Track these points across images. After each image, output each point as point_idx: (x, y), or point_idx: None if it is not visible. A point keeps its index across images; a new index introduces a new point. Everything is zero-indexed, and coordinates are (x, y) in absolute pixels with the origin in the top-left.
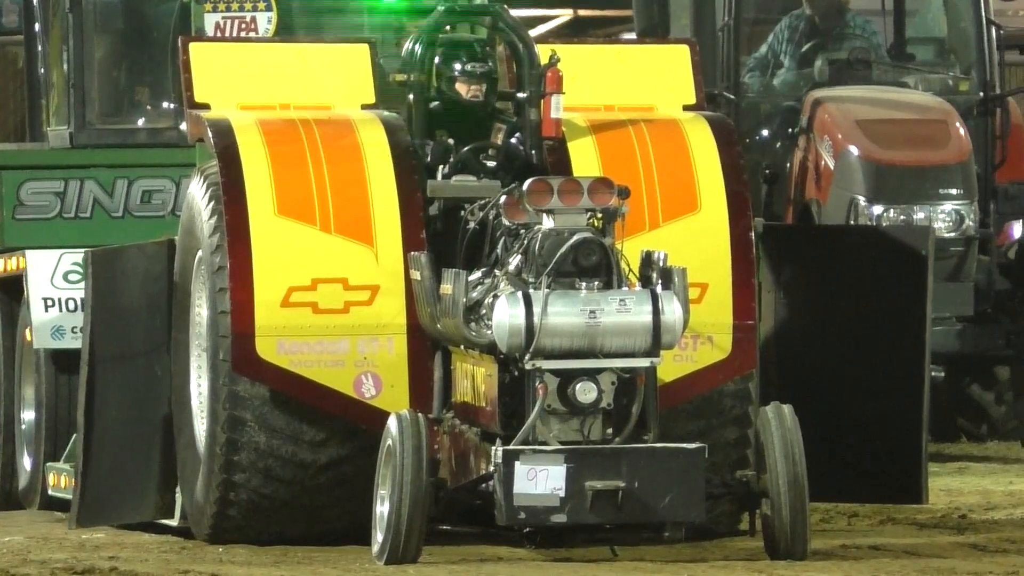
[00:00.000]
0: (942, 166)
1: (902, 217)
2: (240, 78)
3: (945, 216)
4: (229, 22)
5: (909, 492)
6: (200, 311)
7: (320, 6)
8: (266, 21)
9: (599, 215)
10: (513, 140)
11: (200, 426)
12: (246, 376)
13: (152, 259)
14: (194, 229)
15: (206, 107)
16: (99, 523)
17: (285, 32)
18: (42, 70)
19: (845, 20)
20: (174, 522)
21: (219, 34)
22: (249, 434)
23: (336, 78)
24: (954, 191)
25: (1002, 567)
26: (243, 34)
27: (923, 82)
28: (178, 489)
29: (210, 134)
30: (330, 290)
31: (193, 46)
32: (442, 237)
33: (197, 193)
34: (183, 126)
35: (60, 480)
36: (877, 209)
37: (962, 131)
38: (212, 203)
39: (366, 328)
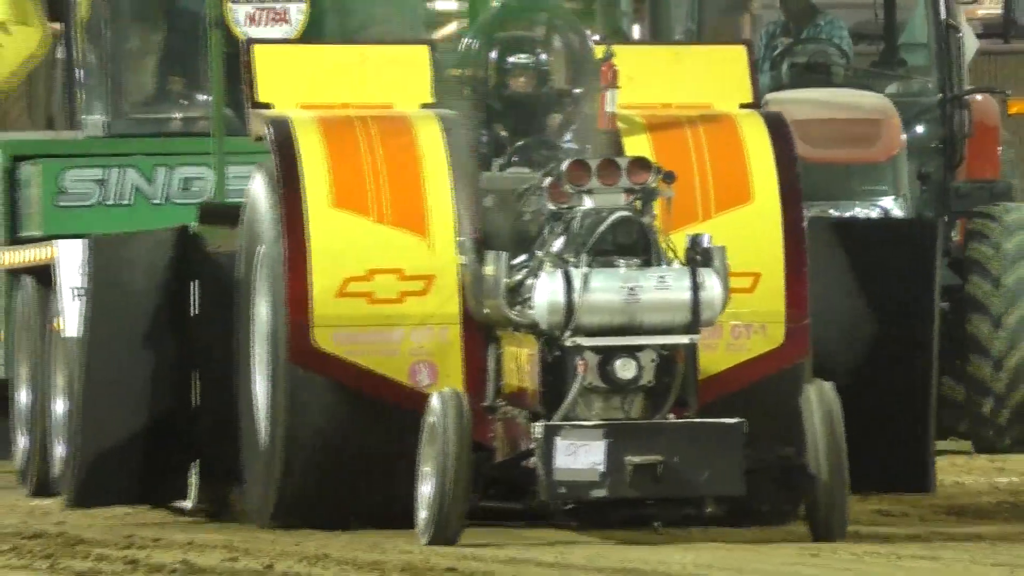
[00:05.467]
0: (870, 163)
1: (832, 211)
2: (302, 78)
3: (869, 212)
4: (261, 13)
5: (917, 481)
6: (260, 304)
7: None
8: (298, 12)
9: (639, 195)
10: (569, 135)
11: (260, 417)
12: (303, 366)
13: (161, 246)
14: (255, 224)
15: (268, 106)
16: (95, 503)
17: (317, 24)
18: (76, 59)
19: (815, 23)
20: (188, 504)
21: (251, 25)
22: (306, 423)
23: (396, 78)
24: (880, 188)
25: None
26: (275, 25)
27: (902, 84)
28: (193, 472)
29: (270, 130)
30: (385, 281)
31: (257, 48)
32: (497, 227)
33: (258, 189)
34: (249, 123)
35: None
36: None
37: (895, 130)
38: (271, 197)
39: (421, 318)
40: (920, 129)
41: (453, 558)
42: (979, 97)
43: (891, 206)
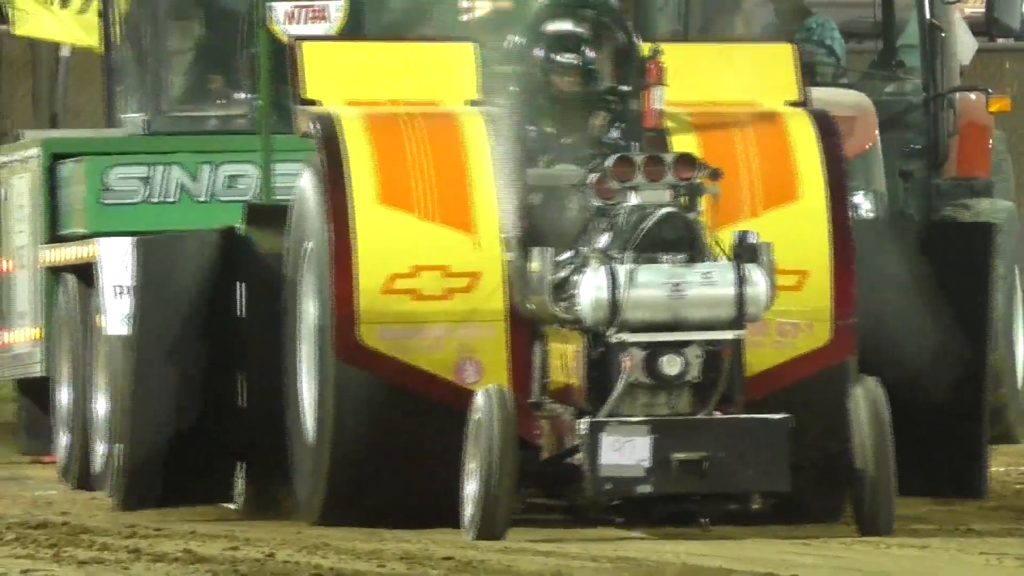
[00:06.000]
0: None
1: None
2: (349, 75)
3: None
4: (300, 10)
5: (969, 486)
6: (307, 301)
7: None
8: (336, 9)
9: (684, 191)
10: (616, 132)
11: (306, 415)
12: (349, 362)
13: (207, 246)
14: (302, 222)
15: (315, 103)
16: (143, 505)
17: (356, 19)
18: (115, 58)
19: (806, 24)
20: (234, 505)
21: (289, 22)
22: (354, 419)
23: (442, 75)
24: (851, 183)
25: None
26: (314, 23)
27: (897, 84)
28: (240, 473)
29: (316, 127)
30: (431, 277)
31: (305, 45)
32: (543, 224)
33: (305, 186)
34: (296, 119)
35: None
36: None
37: (869, 127)
38: (317, 194)
39: (466, 314)
40: (907, 127)
41: (451, 547)
42: (972, 96)
43: (861, 201)
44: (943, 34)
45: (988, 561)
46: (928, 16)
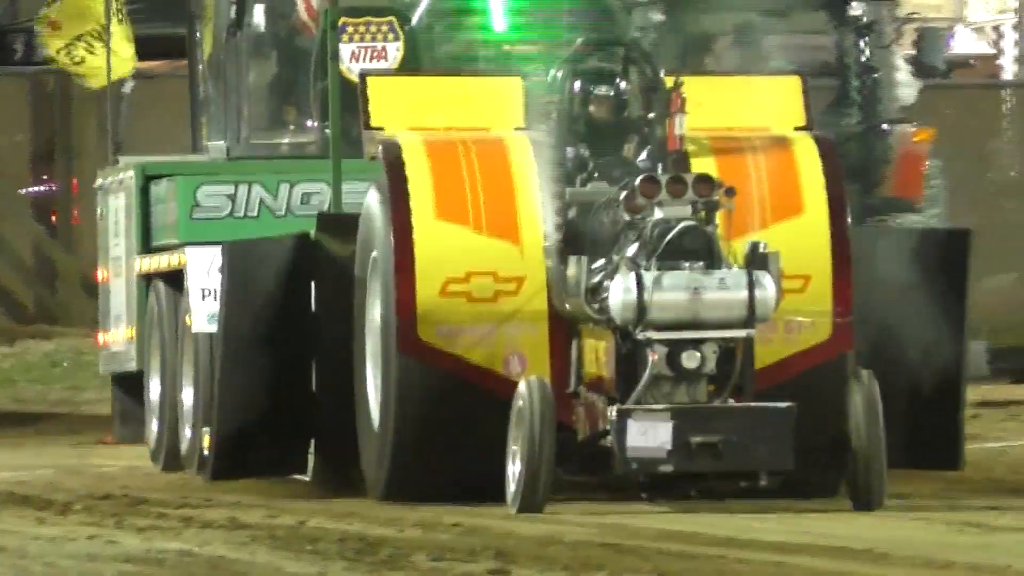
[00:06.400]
0: None
1: None
2: (409, 105)
3: None
4: (363, 50)
5: (948, 459)
6: (373, 303)
7: (439, 37)
8: (394, 50)
9: (703, 207)
10: (644, 155)
11: (372, 403)
12: (410, 356)
13: (285, 250)
14: (369, 234)
15: (380, 129)
16: (231, 476)
17: (412, 58)
18: (202, 92)
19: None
20: (307, 477)
21: (354, 62)
22: (414, 407)
23: (492, 105)
24: None
25: None
26: (375, 62)
27: (849, 118)
28: (311, 450)
29: (381, 149)
30: (482, 282)
31: (371, 78)
32: (579, 235)
33: (372, 202)
34: (365, 144)
35: (207, 442)
36: None
37: None
38: (382, 209)
39: (513, 315)
40: (850, 155)
41: (461, 515)
42: (910, 128)
43: None
44: (877, 74)
45: (916, 524)
46: (864, 58)
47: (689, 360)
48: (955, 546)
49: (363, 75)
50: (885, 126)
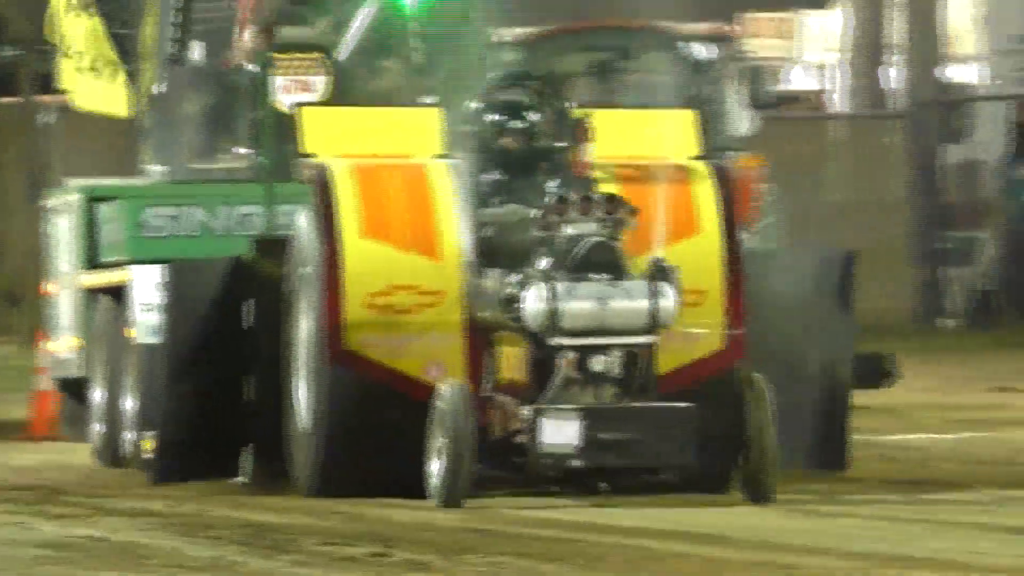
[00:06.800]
0: None
1: None
2: (340, 134)
3: None
4: (292, 84)
5: (834, 459)
6: (303, 316)
7: (364, 70)
8: (320, 83)
9: (609, 224)
10: (555, 180)
11: (301, 408)
12: (338, 364)
13: (223, 271)
14: (300, 251)
15: (313, 155)
16: (172, 479)
17: (337, 91)
18: (142, 121)
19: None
20: (241, 479)
21: (284, 93)
22: (340, 411)
23: (414, 134)
24: None
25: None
26: (304, 94)
27: None
28: (246, 453)
29: (313, 174)
30: (404, 295)
31: (305, 109)
32: (495, 251)
33: (302, 223)
34: (297, 169)
35: (149, 446)
36: None
37: None
38: (312, 229)
39: (433, 325)
40: None
41: (349, 505)
42: (742, 156)
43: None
44: (713, 107)
45: (790, 515)
46: (700, 93)
47: (597, 364)
48: (839, 534)
49: (299, 105)
50: (722, 155)
